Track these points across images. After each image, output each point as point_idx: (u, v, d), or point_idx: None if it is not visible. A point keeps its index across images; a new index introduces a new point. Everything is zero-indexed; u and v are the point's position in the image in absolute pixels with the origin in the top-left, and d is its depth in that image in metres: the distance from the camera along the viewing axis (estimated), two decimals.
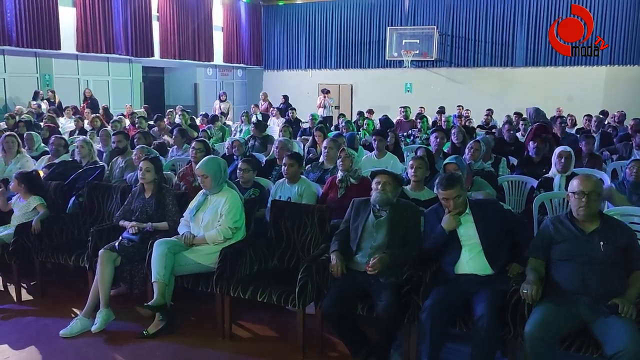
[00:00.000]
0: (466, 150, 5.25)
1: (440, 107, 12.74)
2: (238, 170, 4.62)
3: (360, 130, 9.43)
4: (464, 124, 9.59)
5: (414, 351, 3.24)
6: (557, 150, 4.67)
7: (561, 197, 4.26)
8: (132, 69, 16.07)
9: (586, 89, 15.75)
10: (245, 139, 7.28)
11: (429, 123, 10.43)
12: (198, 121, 10.94)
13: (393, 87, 18.11)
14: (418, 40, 17.51)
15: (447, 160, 4.20)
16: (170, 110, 11.54)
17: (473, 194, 3.98)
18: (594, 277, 2.81)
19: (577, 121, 10.89)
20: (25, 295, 4.47)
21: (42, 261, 4.44)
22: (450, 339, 3.27)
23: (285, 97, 14.36)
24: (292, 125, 9.83)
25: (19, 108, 11.26)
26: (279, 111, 12.66)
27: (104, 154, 6.25)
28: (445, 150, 6.10)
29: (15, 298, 4.40)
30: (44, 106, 12.06)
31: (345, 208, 3.67)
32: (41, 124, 9.35)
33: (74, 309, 4.15)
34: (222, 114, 13.00)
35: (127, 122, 10.25)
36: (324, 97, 14.65)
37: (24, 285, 4.58)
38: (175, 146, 6.92)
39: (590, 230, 2.90)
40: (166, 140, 7.68)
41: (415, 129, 9.52)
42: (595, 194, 2.88)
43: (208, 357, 3.53)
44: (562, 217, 3.04)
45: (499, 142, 6.80)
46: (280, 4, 20.02)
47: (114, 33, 14.55)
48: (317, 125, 8.41)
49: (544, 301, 2.84)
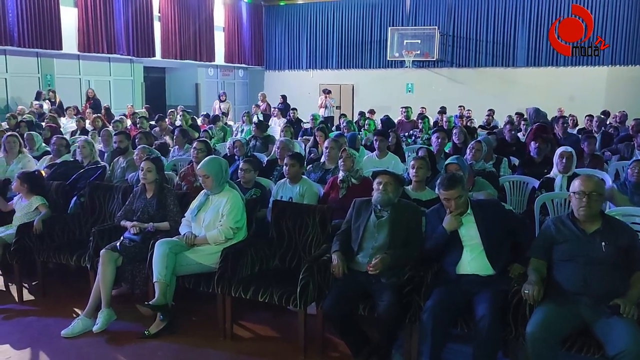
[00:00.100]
0: (467, 151, 5.25)
1: (441, 108, 12.71)
2: (239, 171, 4.62)
3: (362, 130, 9.43)
4: (465, 124, 9.59)
5: (415, 351, 3.24)
6: (559, 150, 4.67)
7: (562, 198, 4.25)
8: (134, 69, 16.08)
9: (588, 89, 15.73)
10: (247, 139, 7.28)
11: (430, 123, 10.43)
12: (199, 121, 10.95)
13: (394, 88, 18.10)
14: (419, 41, 17.50)
15: (449, 161, 4.21)
16: (172, 110, 11.55)
17: (474, 195, 3.98)
18: (595, 278, 2.81)
19: (579, 121, 10.89)
20: (27, 295, 4.47)
21: (44, 261, 4.44)
22: (451, 340, 3.27)
23: (283, 97, 14.33)
24: (294, 125, 9.83)
25: (21, 108, 11.26)
26: (280, 111, 12.66)
27: (106, 154, 6.26)
28: (446, 150, 6.09)
29: (16, 298, 4.40)
30: (46, 106, 12.06)
31: (346, 208, 3.67)
32: (43, 124, 9.36)
33: (75, 309, 4.15)
34: (224, 114, 12.99)
35: (129, 122, 10.26)
36: (325, 98, 14.65)
37: (26, 285, 4.58)
38: (177, 146, 6.93)
39: (591, 230, 2.90)
40: (167, 142, 7.69)
41: (416, 129, 9.51)
42: (596, 194, 2.88)
43: (209, 357, 3.53)
44: (564, 218, 3.04)
45: (501, 143, 6.79)
46: (281, 4, 20.03)
47: (115, 33, 14.56)
48: (319, 125, 8.41)
49: (546, 302, 2.84)
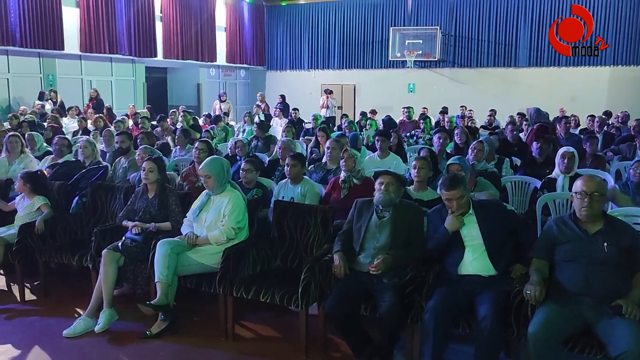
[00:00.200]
0: (469, 151, 5.25)
1: (443, 108, 12.72)
2: (241, 171, 4.62)
3: (363, 130, 9.42)
4: (467, 125, 9.58)
5: (417, 352, 3.24)
6: (561, 150, 4.66)
7: (564, 198, 4.25)
8: (135, 69, 16.09)
9: (589, 90, 15.70)
10: (248, 139, 7.29)
11: (432, 123, 10.42)
12: (201, 122, 10.95)
13: (396, 88, 18.09)
14: (421, 41, 17.49)
15: (451, 161, 4.20)
16: (173, 110, 11.56)
17: (476, 195, 3.98)
18: (597, 278, 2.81)
19: (581, 122, 10.88)
20: (29, 295, 4.48)
21: (46, 261, 4.44)
22: (453, 340, 3.27)
23: (282, 97, 14.33)
24: (295, 125, 9.84)
25: (23, 108, 11.28)
26: (281, 111, 12.66)
27: (107, 154, 6.26)
28: (448, 150, 6.09)
29: (18, 298, 4.40)
30: (49, 106, 12.07)
31: (348, 208, 3.66)
32: (45, 124, 9.37)
33: (77, 309, 4.15)
34: (225, 114, 13.00)
35: (130, 123, 10.26)
36: (327, 98, 14.65)
37: (28, 285, 4.58)
38: (179, 146, 6.94)
39: (594, 231, 2.89)
40: (168, 142, 7.69)
41: (418, 130, 9.51)
42: (598, 194, 2.88)
43: (211, 357, 3.54)
44: (566, 218, 3.04)
45: (502, 143, 6.79)
46: (283, 4, 20.03)
47: (117, 33, 14.57)
48: (320, 125, 8.41)
49: (548, 302, 2.83)
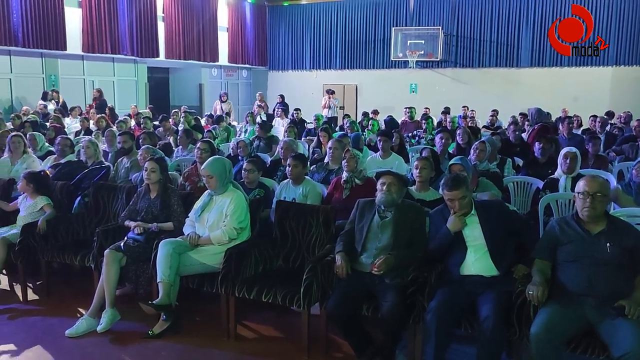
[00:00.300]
0: (471, 151, 5.24)
1: (445, 108, 12.71)
2: (243, 171, 4.62)
3: (365, 130, 9.42)
4: (469, 125, 9.57)
5: (419, 352, 3.24)
6: (563, 151, 4.66)
7: (567, 199, 4.24)
8: (137, 69, 16.10)
9: (592, 90, 15.66)
10: (250, 139, 7.29)
11: (434, 124, 10.42)
12: (203, 122, 10.94)
13: (398, 88, 18.08)
14: (423, 41, 17.47)
15: (453, 161, 4.20)
16: (175, 110, 11.56)
17: (478, 195, 3.97)
18: (600, 279, 2.80)
19: (583, 122, 10.87)
20: (31, 295, 4.49)
21: (48, 261, 4.45)
22: (455, 340, 3.27)
23: (281, 97, 14.33)
24: (297, 125, 9.83)
25: (26, 108, 11.30)
26: (283, 111, 12.67)
27: (110, 155, 6.27)
28: (450, 151, 6.09)
29: (21, 298, 4.41)
30: (51, 107, 12.09)
31: (350, 209, 3.66)
32: (47, 124, 9.38)
33: (79, 309, 4.16)
34: (227, 114, 13.00)
35: (133, 123, 10.27)
36: (329, 98, 14.65)
37: (30, 285, 4.59)
38: (181, 146, 6.94)
39: (596, 231, 2.89)
40: (170, 142, 7.70)
41: (420, 130, 9.50)
42: (600, 195, 2.87)
43: (213, 357, 3.54)
44: (568, 218, 3.03)
45: (505, 143, 6.78)
46: (285, 4, 20.03)
47: (119, 34, 14.58)
48: (322, 125, 8.40)
49: (550, 303, 2.83)
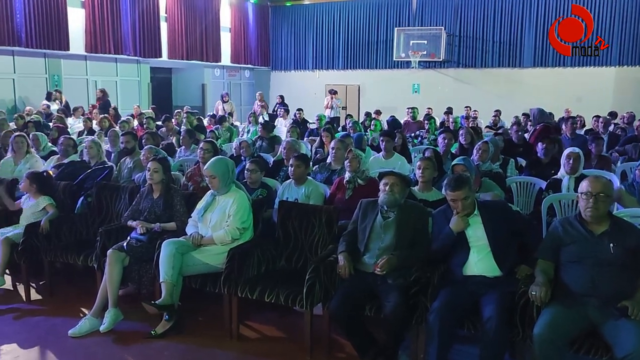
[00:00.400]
0: (474, 152, 5.23)
1: (447, 108, 12.68)
2: (246, 171, 4.63)
3: (368, 131, 9.41)
4: (471, 125, 9.56)
5: (422, 352, 3.23)
6: (566, 151, 4.64)
7: (570, 199, 4.22)
8: (140, 69, 16.12)
9: (595, 90, 15.61)
10: (253, 139, 7.29)
11: (437, 124, 10.41)
12: (205, 122, 10.95)
13: (400, 88, 18.06)
14: (426, 41, 17.44)
15: (455, 162, 4.20)
16: (178, 110, 11.57)
17: (481, 195, 3.97)
18: (603, 279, 2.80)
19: (586, 122, 10.84)
20: (34, 295, 4.50)
21: (51, 261, 4.46)
22: (458, 341, 3.26)
23: (281, 97, 14.30)
24: (300, 125, 9.84)
25: (29, 109, 11.31)
26: (285, 112, 12.67)
27: (113, 155, 6.28)
28: (453, 151, 6.08)
29: (24, 297, 4.42)
30: (55, 107, 12.11)
31: (352, 209, 3.66)
32: (50, 124, 9.40)
33: (82, 309, 4.16)
34: (229, 114, 13.01)
35: (135, 123, 10.29)
36: (332, 98, 14.64)
37: (33, 284, 4.60)
38: (183, 146, 6.95)
39: (599, 231, 2.88)
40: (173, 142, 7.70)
41: (422, 130, 9.50)
42: (603, 195, 2.86)
43: (216, 357, 3.54)
44: (571, 219, 3.03)
45: (507, 143, 6.76)
46: (287, 4, 20.03)
47: (122, 34, 14.60)
48: (325, 126, 8.40)
49: (553, 303, 2.82)
